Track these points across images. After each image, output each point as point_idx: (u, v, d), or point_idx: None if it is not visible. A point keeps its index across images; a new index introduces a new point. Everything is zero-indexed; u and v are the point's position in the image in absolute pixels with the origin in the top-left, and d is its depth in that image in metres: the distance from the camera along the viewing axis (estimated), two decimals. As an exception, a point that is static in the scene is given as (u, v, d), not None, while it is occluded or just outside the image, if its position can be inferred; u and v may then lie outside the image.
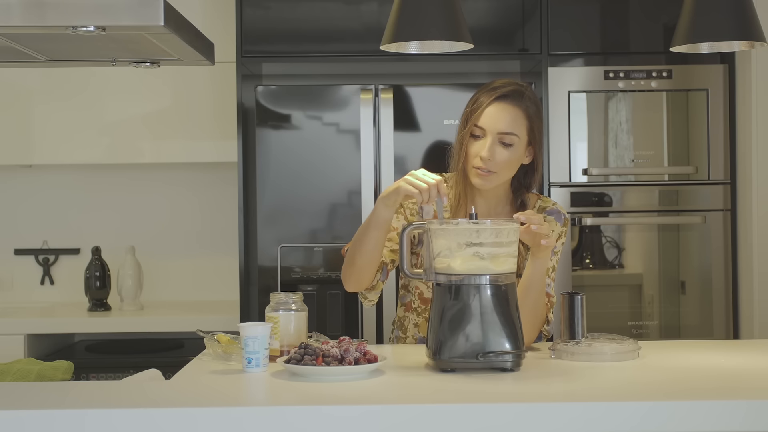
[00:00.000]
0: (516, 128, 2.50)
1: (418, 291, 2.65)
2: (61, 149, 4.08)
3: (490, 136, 2.49)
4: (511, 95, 2.51)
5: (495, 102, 2.50)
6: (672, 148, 3.79)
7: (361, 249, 2.48)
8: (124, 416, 1.80)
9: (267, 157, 3.65)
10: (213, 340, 2.32)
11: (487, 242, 2.18)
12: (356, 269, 2.52)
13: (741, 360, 2.31)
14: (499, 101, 2.50)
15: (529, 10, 3.80)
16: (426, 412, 1.83)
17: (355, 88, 3.66)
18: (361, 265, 2.50)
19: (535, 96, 2.56)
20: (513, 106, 2.50)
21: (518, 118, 2.50)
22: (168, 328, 3.84)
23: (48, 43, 2.29)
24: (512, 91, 2.51)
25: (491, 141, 2.49)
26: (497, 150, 2.49)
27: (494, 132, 2.49)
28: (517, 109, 2.50)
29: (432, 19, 2.46)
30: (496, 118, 2.49)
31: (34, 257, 4.38)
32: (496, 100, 2.50)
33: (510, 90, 2.51)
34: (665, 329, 3.78)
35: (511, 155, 2.51)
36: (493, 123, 2.49)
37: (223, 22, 3.94)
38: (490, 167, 2.49)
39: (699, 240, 3.78)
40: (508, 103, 2.50)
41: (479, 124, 2.50)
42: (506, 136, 2.49)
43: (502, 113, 2.49)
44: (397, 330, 2.70)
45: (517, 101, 2.50)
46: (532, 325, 2.43)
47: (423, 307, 2.63)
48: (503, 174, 2.53)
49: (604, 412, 1.83)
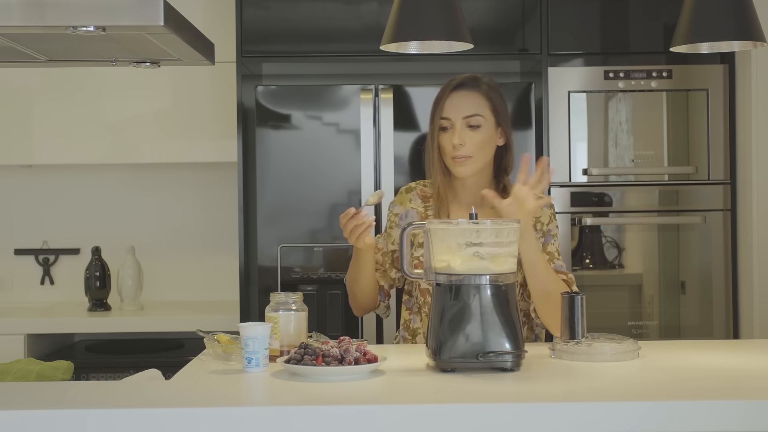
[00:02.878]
0: (479, 109, 2.62)
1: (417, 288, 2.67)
2: (61, 149, 4.09)
3: (457, 122, 2.61)
4: (467, 82, 2.65)
5: (453, 92, 2.64)
6: (672, 148, 3.79)
7: (355, 283, 2.68)
8: (124, 416, 1.80)
9: (267, 157, 3.65)
10: (213, 340, 2.32)
11: (487, 242, 2.18)
12: (358, 301, 2.73)
13: (741, 360, 2.31)
14: (457, 90, 2.64)
15: (529, 10, 3.80)
16: (426, 412, 1.83)
17: (355, 88, 3.66)
18: (361, 296, 2.71)
19: (493, 81, 2.69)
20: (471, 91, 2.64)
21: (479, 100, 2.63)
22: (168, 328, 3.84)
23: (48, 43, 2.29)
24: (467, 79, 2.65)
25: (459, 127, 2.61)
26: (467, 134, 2.61)
27: (459, 117, 2.61)
28: (475, 92, 2.64)
29: (432, 19, 2.46)
30: (458, 104, 2.62)
31: (34, 257, 4.38)
32: (454, 90, 2.64)
33: (465, 78, 2.66)
34: (665, 329, 3.78)
35: (481, 136, 2.62)
36: (456, 110, 2.62)
37: (223, 22, 3.94)
38: (464, 152, 2.60)
39: (699, 240, 3.78)
40: (466, 90, 2.64)
41: (444, 116, 2.63)
42: (471, 118, 2.61)
43: (463, 99, 2.63)
44: (403, 331, 2.72)
45: (474, 87, 2.64)
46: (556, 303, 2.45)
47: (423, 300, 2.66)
48: (479, 157, 2.62)
49: (603, 412, 1.83)
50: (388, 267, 2.73)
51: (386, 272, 2.74)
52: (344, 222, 2.51)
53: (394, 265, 2.73)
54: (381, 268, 2.74)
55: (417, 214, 2.72)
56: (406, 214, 2.74)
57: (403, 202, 2.77)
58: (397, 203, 2.78)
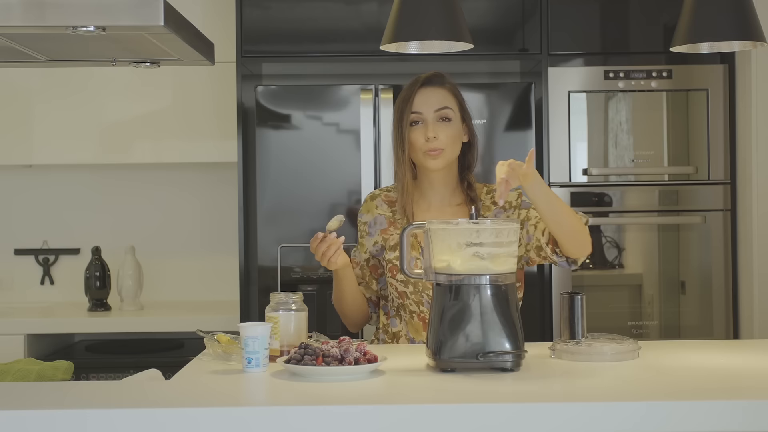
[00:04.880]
0: (448, 103, 2.69)
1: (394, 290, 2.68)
2: (60, 149, 4.08)
3: (428, 116, 2.67)
4: (433, 79, 2.72)
5: (422, 88, 2.70)
6: (672, 148, 3.79)
7: (342, 303, 2.72)
8: (125, 416, 1.80)
9: (267, 157, 3.65)
10: (213, 340, 2.32)
11: (487, 242, 2.18)
12: (349, 319, 2.77)
13: (741, 360, 2.31)
14: (425, 86, 2.70)
15: (529, 10, 3.80)
16: (426, 412, 1.83)
17: (355, 88, 3.66)
18: (350, 314, 2.75)
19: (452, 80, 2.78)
20: (438, 87, 2.71)
21: (447, 96, 2.70)
22: (168, 328, 3.84)
23: (48, 43, 2.29)
24: (433, 75, 2.72)
25: (432, 120, 2.66)
26: (439, 127, 2.66)
27: (431, 111, 2.67)
28: (443, 88, 2.71)
29: (432, 19, 2.46)
30: (427, 99, 2.68)
31: (34, 257, 4.38)
32: (422, 86, 2.70)
33: (431, 75, 2.73)
34: (665, 329, 3.78)
35: (452, 130, 2.67)
36: (426, 104, 2.68)
37: (223, 22, 3.94)
38: (438, 145, 2.64)
39: (699, 240, 3.78)
40: (434, 86, 2.71)
41: (415, 110, 2.67)
42: (443, 110, 2.67)
43: (431, 94, 2.69)
44: (382, 334, 2.74)
45: (440, 83, 2.71)
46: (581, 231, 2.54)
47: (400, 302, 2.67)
48: (450, 151, 2.67)
49: (603, 412, 1.83)
50: (368, 279, 2.75)
51: (368, 284, 2.76)
52: (314, 247, 2.55)
53: (373, 275, 2.74)
54: (363, 281, 2.75)
55: (386, 220, 2.74)
56: (374, 221, 2.75)
57: (369, 209, 2.78)
58: (364, 212, 2.79)
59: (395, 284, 2.66)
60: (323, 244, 2.54)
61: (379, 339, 2.74)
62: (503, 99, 3.69)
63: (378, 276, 2.74)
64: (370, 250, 2.73)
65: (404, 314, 2.67)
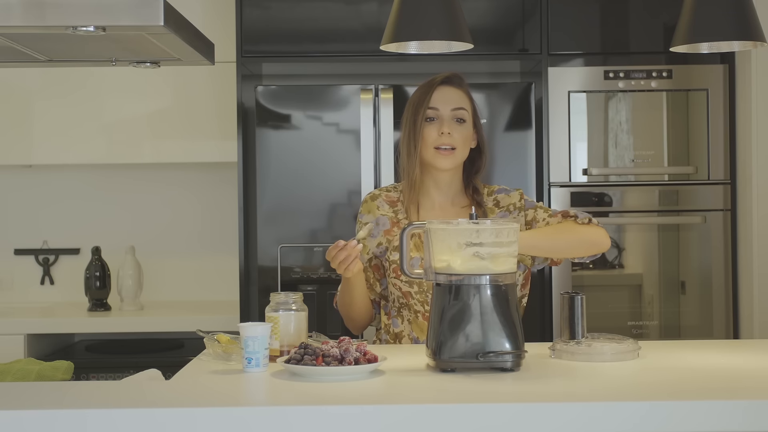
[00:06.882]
0: (464, 105, 2.71)
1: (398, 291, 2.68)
2: (60, 149, 4.09)
3: (444, 113, 2.68)
4: (452, 79, 2.74)
5: (441, 86, 2.71)
6: (672, 148, 3.79)
7: (351, 308, 2.70)
8: (125, 416, 1.80)
9: (267, 157, 3.65)
10: (213, 340, 2.32)
11: (487, 242, 2.18)
12: (356, 322, 2.75)
13: (741, 360, 2.31)
14: (444, 85, 2.72)
15: (529, 10, 3.80)
16: (426, 412, 1.83)
17: (355, 88, 3.66)
18: (358, 318, 2.73)
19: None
20: (456, 87, 2.73)
21: (464, 97, 2.73)
22: (168, 328, 3.84)
23: (48, 43, 2.29)
24: (453, 76, 2.74)
25: (447, 118, 2.68)
26: (454, 126, 2.68)
27: (448, 108, 2.69)
28: (460, 90, 2.73)
29: (432, 19, 2.46)
30: (446, 97, 2.70)
31: (34, 257, 4.38)
32: (442, 84, 2.71)
33: (450, 75, 2.74)
34: (665, 329, 3.78)
35: (466, 131, 2.69)
36: (444, 102, 2.69)
37: (223, 22, 3.94)
38: (450, 142, 2.66)
39: (699, 240, 3.78)
40: (452, 86, 2.72)
41: (432, 105, 2.68)
42: (458, 111, 2.69)
43: (450, 93, 2.71)
44: (384, 335, 2.73)
45: (458, 84, 2.74)
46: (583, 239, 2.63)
47: (404, 301, 2.67)
48: (461, 152, 2.69)
49: (603, 412, 1.83)
50: (372, 280, 2.74)
51: (372, 286, 2.75)
52: (334, 254, 2.50)
53: (376, 276, 2.74)
54: (367, 283, 2.74)
55: (389, 220, 2.72)
56: (377, 222, 2.73)
57: (371, 210, 2.76)
58: (365, 212, 2.77)
59: (399, 284, 2.66)
60: (343, 252, 2.49)
61: (381, 339, 2.74)
62: (503, 99, 3.69)
63: (380, 277, 2.73)
64: (374, 251, 2.72)
65: (408, 314, 2.66)
